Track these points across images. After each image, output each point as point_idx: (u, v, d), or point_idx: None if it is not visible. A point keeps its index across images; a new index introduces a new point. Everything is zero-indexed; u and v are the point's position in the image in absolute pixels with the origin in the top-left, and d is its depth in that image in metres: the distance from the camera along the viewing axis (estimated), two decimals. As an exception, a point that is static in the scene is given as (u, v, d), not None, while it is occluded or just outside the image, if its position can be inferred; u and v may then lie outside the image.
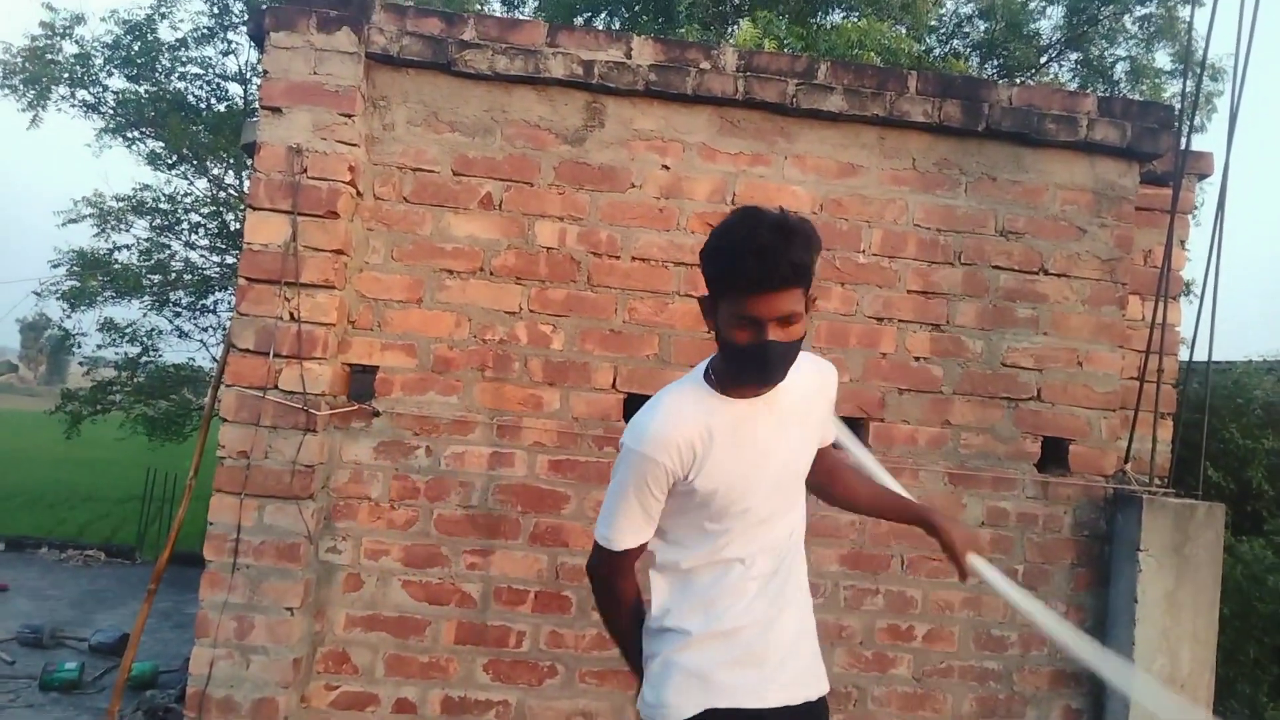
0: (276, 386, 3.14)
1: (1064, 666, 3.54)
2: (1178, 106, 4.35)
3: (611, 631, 2.00)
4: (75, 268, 9.57)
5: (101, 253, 9.69)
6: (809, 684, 1.86)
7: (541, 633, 3.37)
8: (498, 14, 11.08)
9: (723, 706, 1.76)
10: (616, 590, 1.90)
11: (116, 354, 10.03)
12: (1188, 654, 3.39)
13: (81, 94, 9.82)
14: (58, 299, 9.69)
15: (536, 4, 11.73)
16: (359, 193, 3.32)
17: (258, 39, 3.29)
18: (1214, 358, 3.83)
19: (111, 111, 9.93)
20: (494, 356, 3.39)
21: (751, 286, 1.60)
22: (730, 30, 9.30)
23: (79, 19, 9.63)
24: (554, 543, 3.38)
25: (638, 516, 1.78)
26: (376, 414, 3.34)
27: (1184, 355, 3.95)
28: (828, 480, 2.08)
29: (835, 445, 2.08)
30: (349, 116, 3.20)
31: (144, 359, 10.01)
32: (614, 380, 3.43)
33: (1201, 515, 3.45)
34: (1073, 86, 10.62)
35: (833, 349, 3.47)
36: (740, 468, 1.75)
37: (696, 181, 3.47)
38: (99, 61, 9.65)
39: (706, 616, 1.80)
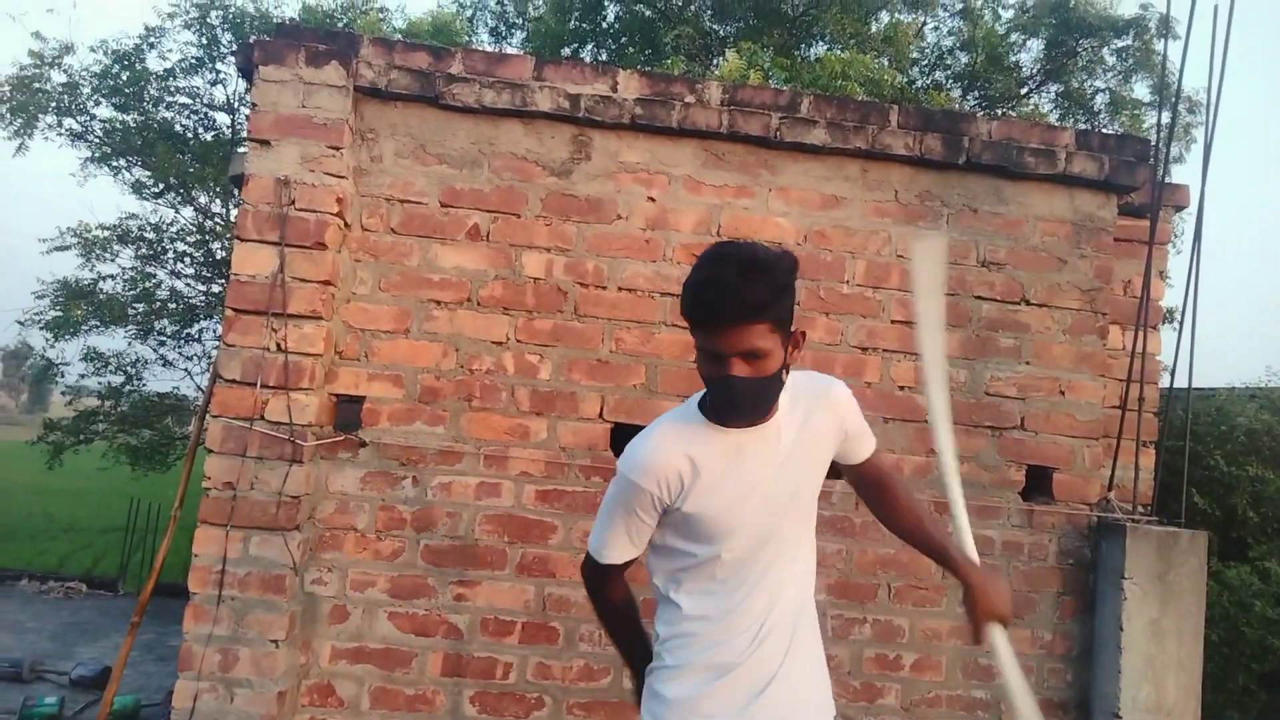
0: (263, 417, 3.14)
1: (1051, 695, 3.54)
2: (1154, 138, 4.42)
3: (606, 633, 2.06)
4: (59, 297, 9.52)
5: (86, 282, 9.65)
6: None
7: (529, 664, 3.35)
8: (485, 48, 11.20)
9: None
10: (604, 596, 1.97)
11: (100, 383, 9.96)
12: (1173, 682, 3.40)
13: (68, 122, 9.84)
14: (41, 328, 9.63)
15: (524, 35, 11.86)
16: (347, 224, 3.34)
17: (246, 72, 3.31)
18: (1196, 385, 3.88)
19: (98, 140, 9.95)
20: (481, 386, 3.40)
21: (710, 321, 1.63)
22: (716, 62, 9.43)
23: (68, 48, 9.65)
24: (541, 573, 3.37)
25: (621, 535, 1.84)
26: (363, 444, 3.33)
27: (1166, 383, 3.99)
28: (875, 495, 2.06)
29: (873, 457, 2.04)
30: (337, 149, 3.22)
31: (128, 388, 9.95)
32: (601, 410, 3.44)
33: (1185, 543, 3.47)
34: (1053, 118, 10.78)
35: (818, 378, 3.50)
36: (726, 500, 1.76)
37: (682, 213, 3.51)
38: (86, 90, 9.67)
39: (695, 649, 1.80)
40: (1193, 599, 3.46)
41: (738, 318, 1.60)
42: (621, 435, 3.46)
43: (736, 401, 1.69)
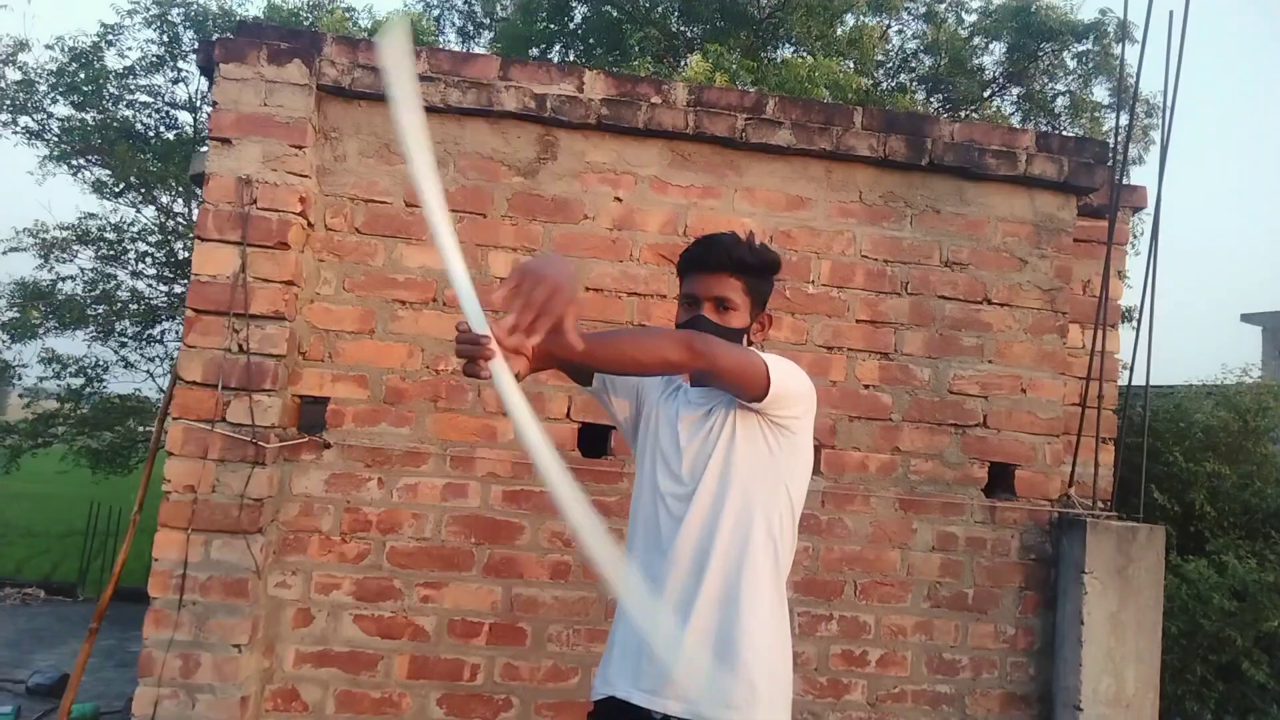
0: (224, 419, 3.10)
1: (1014, 689, 3.59)
2: (1113, 140, 4.50)
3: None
4: (16, 299, 9.33)
5: (44, 283, 9.46)
6: (694, 701, 1.72)
7: (496, 665, 3.34)
8: (452, 48, 11.14)
9: (603, 695, 1.86)
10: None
11: (59, 386, 9.78)
12: (1132, 673, 3.46)
13: (24, 120, 9.65)
14: (-4, 330, 9.43)
15: (492, 35, 11.82)
16: (310, 224, 3.31)
17: (207, 71, 3.27)
18: (1154, 382, 3.95)
19: (56, 139, 9.76)
20: (447, 387, 3.38)
21: (690, 266, 1.89)
22: (682, 64, 9.45)
23: (23, 45, 9.47)
24: (508, 574, 3.36)
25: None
26: (327, 446, 3.30)
27: (1125, 380, 4.06)
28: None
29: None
30: (300, 148, 3.19)
31: (88, 390, 9.77)
32: (568, 409, 3.44)
33: (1143, 537, 3.54)
34: (1015, 120, 10.93)
35: (784, 377, 3.52)
36: (658, 423, 1.91)
37: (648, 213, 3.52)
38: (43, 88, 9.50)
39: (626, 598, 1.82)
40: (1151, 592, 3.52)
41: (719, 263, 1.84)
42: (589, 434, 3.46)
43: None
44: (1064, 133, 9.66)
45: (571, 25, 11.07)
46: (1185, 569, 4.60)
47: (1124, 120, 5.66)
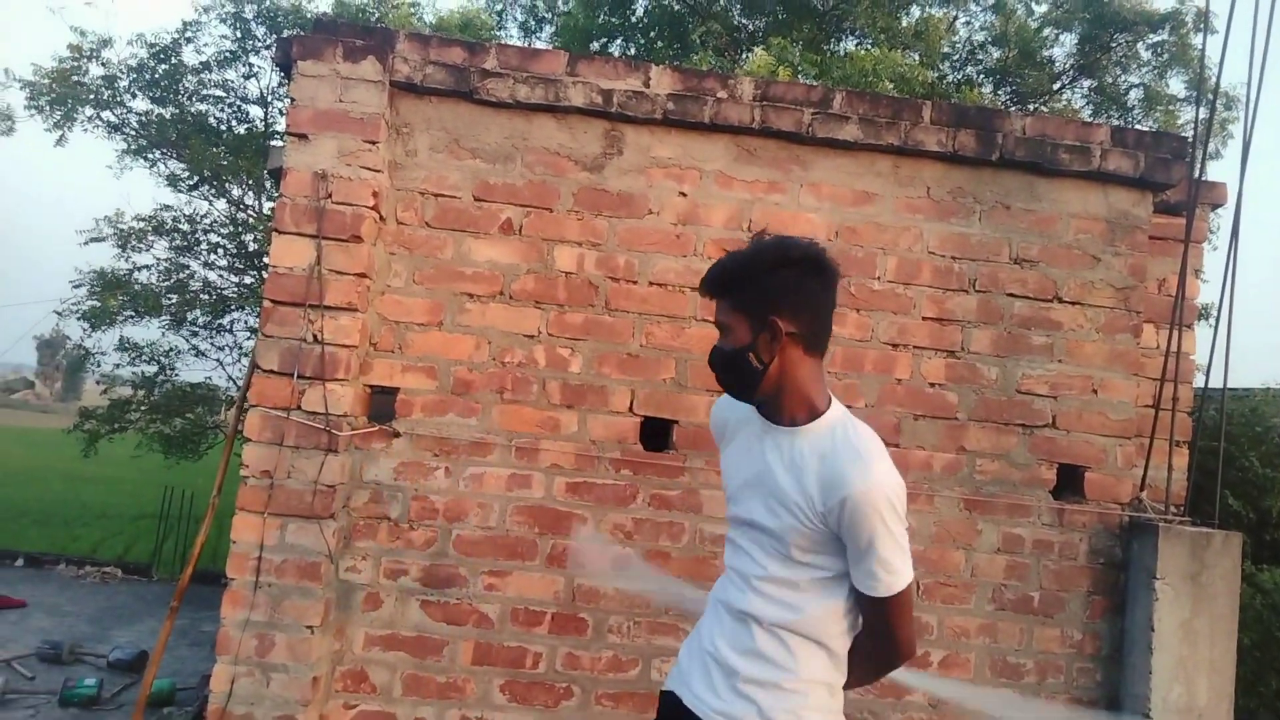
0: (300, 407, 3.19)
1: (1080, 695, 3.53)
2: (1191, 134, 4.37)
3: None
4: (96, 287, 9.68)
5: (121, 273, 9.80)
6: (701, 694, 1.83)
7: (558, 654, 3.39)
8: (514, 43, 11.24)
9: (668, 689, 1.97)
10: None
11: (134, 373, 10.12)
12: (1205, 683, 3.38)
13: (106, 115, 9.98)
14: (78, 318, 9.79)
15: (553, 30, 11.89)
16: (382, 217, 3.38)
17: (285, 67, 3.36)
18: (1231, 385, 3.84)
19: (134, 133, 10.09)
20: (513, 379, 3.43)
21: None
22: (745, 57, 9.41)
23: (106, 42, 9.81)
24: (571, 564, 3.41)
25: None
26: (397, 435, 3.38)
27: (1200, 382, 3.95)
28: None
29: (866, 600, 1.78)
30: (373, 143, 3.26)
31: (160, 378, 10.10)
32: (631, 403, 3.47)
33: (1218, 544, 3.45)
34: (1086, 113, 10.66)
35: (848, 374, 3.50)
36: (736, 465, 1.93)
37: (713, 208, 3.52)
38: (124, 84, 9.82)
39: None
40: (1225, 601, 3.43)
41: (706, 292, 1.84)
42: (651, 429, 3.48)
43: (710, 366, 1.89)
44: (1138, 127, 9.39)
45: (633, 19, 11.08)
46: (1260, 579, 4.47)
47: (1203, 114, 5.49)
